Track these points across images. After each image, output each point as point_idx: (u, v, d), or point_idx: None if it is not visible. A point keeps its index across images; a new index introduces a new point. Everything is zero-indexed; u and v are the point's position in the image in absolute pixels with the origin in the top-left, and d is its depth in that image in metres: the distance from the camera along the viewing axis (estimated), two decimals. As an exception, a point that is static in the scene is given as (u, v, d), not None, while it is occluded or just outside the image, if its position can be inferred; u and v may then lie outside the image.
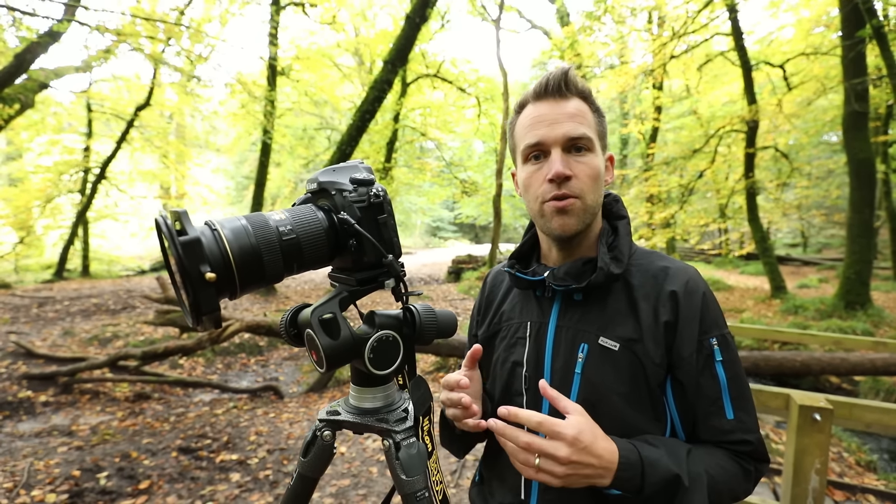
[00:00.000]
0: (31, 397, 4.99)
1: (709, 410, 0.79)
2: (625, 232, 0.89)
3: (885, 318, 7.75)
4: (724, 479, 0.75)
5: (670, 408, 0.82)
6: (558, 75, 0.83)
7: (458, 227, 38.53)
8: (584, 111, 0.84)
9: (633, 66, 12.85)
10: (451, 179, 17.87)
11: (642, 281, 0.84)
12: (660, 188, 12.99)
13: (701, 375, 0.79)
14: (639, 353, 0.80)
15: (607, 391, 0.80)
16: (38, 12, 6.88)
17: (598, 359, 0.81)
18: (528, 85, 6.23)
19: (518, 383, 0.88)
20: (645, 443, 0.75)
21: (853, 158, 8.01)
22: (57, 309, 8.60)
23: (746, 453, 0.79)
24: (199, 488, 3.20)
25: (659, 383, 0.80)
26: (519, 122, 0.88)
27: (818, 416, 1.67)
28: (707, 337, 0.80)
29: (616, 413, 0.79)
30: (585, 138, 0.82)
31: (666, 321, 0.80)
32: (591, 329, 0.83)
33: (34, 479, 3.19)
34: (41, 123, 13.04)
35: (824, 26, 11.31)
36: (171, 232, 0.52)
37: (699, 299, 0.81)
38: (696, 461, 0.74)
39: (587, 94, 0.86)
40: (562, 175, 0.80)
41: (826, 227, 20.17)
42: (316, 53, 15.32)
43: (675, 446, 0.76)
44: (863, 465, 3.61)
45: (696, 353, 0.79)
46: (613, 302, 0.84)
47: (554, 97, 0.84)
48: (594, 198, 0.84)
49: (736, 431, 0.78)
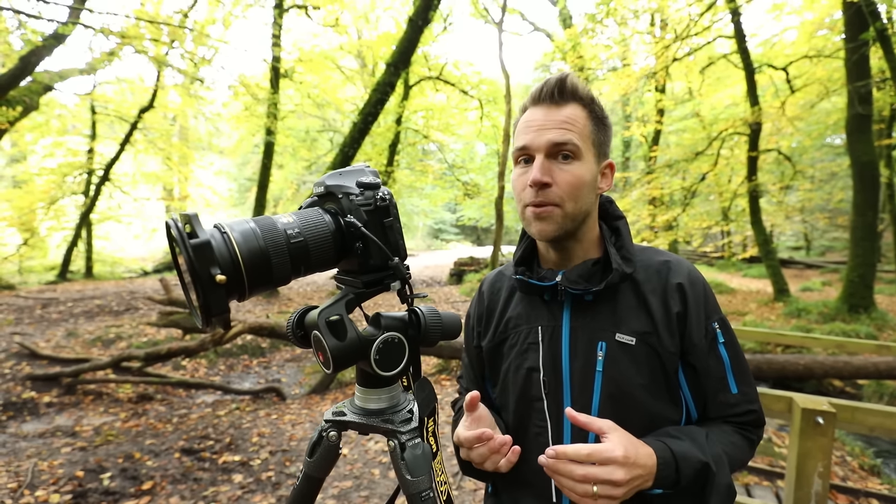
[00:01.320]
0: (34, 398, 5.01)
1: (716, 388, 0.85)
2: (626, 231, 0.92)
3: (888, 321, 7.72)
4: (736, 454, 0.83)
5: (684, 391, 0.87)
6: (554, 82, 0.85)
7: (460, 230, 38.51)
8: (577, 118, 0.84)
9: (636, 68, 12.84)
10: (454, 182, 17.88)
11: (647, 276, 0.87)
12: (662, 191, 12.97)
13: (708, 357, 0.84)
14: (654, 345, 0.83)
15: (629, 385, 0.83)
16: (42, 15, 6.93)
17: (618, 355, 0.84)
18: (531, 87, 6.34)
19: (536, 389, 0.88)
20: (670, 437, 0.79)
21: (856, 161, 8.00)
22: (60, 310, 8.64)
23: (750, 422, 0.87)
24: (202, 489, 3.21)
25: (674, 370, 0.85)
26: (518, 125, 0.90)
27: (821, 420, 1.67)
28: (710, 321, 0.86)
29: (639, 404, 0.83)
30: (571, 145, 0.82)
31: (677, 312, 0.84)
32: (607, 327, 0.85)
33: (38, 480, 3.21)
34: (45, 126, 13.15)
35: (827, 29, 11.30)
36: (181, 235, 0.52)
37: (701, 288, 0.87)
38: (713, 444, 0.79)
39: (588, 100, 0.86)
40: (539, 182, 0.82)
41: (829, 230, 20.09)
42: (319, 56, 15.37)
43: (695, 434, 0.80)
44: (866, 469, 3.59)
45: (703, 337, 0.84)
46: (623, 299, 0.86)
47: (548, 103, 0.85)
48: (576, 206, 0.84)
49: (741, 403, 0.86)
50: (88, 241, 14.58)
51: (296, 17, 13.80)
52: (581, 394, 0.85)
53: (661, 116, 14.85)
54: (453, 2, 17.70)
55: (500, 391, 0.96)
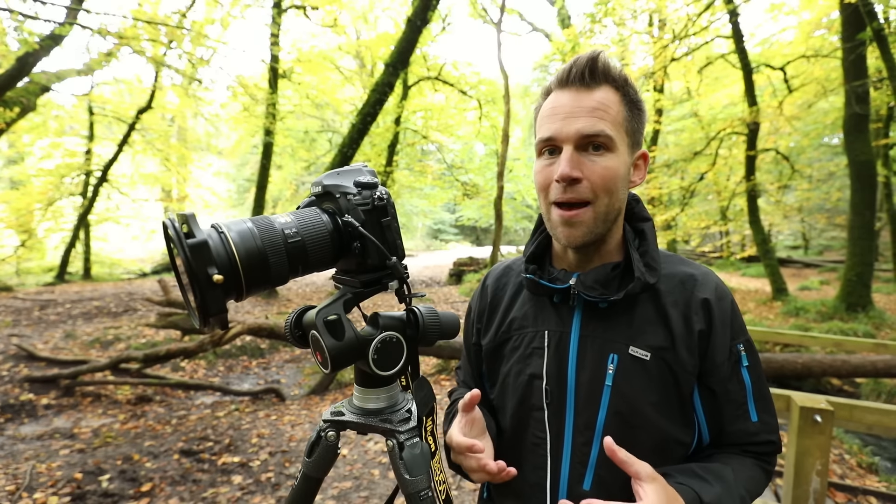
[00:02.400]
0: (32, 400, 4.99)
1: (735, 414, 0.79)
2: (652, 236, 0.83)
3: (886, 320, 7.75)
4: (755, 488, 0.79)
5: (698, 414, 0.81)
6: (584, 62, 0.75)
7: (459, 230, 38.54)
8: (609, 104, 0.75)
9: (634, 68, 12.85)
10: (453, 182, 17.91)
11: (670, 288, 0.80)
12: (661, 190, 13.00)
13: (729, 381, 0.79)
14: (670, 362, 0.77)
15: (640, 402, 0.77)
16: (40, 16, 6.91)
17: (629, 369, 0.77)
18: (530, 88, 6.25)
19: (537, 398, 0.82)
20: (699, 479, 0.73)
21: (854, 161, 8.02)
22: (58, 312, 8.62)
23: (769, 452, 0.82)
24: (201, 491, 3.20)
25: (689, 391, 0.78)
26: (541, 111, 0.81)
27: (819, 418, 1.68)
28: (735, 343, 0.79)
29: (649, 424, 0.77)
30: (603, 136, 0.74)
31: (700, 330, 0.77)
32: (620, 339, 0.78)
33: (36, 482, 3.20)
34: (43, 126, 13.11)
35: (825, 29, 11.32)
36: (178, 235, 0.52)
37: (728, 306, 0.80)
38: (739, 485, 0.76)
39: (622, 82, 0.77)
40: (568, 177, 0.74)
41: (827, 230, 20.14)
42: (317, 56, 15.37)
43: (723, 474, 0.75)
44: (864, 466, 3.60)
45: (727, 360, 0.78)
46: (641, 310, 0.79)
47: (577, 86, 0.76)
48: (608, 202, 0.76)
49: (761, 433, 0.80)
50: (86, 242, 14.54)
51: (294, 18, 13.81)
52: (586, 407, 0.79)
53: (660, 116, 14.85)
54: (452, 2, 17.72)
55: (498, 394, 0.90)
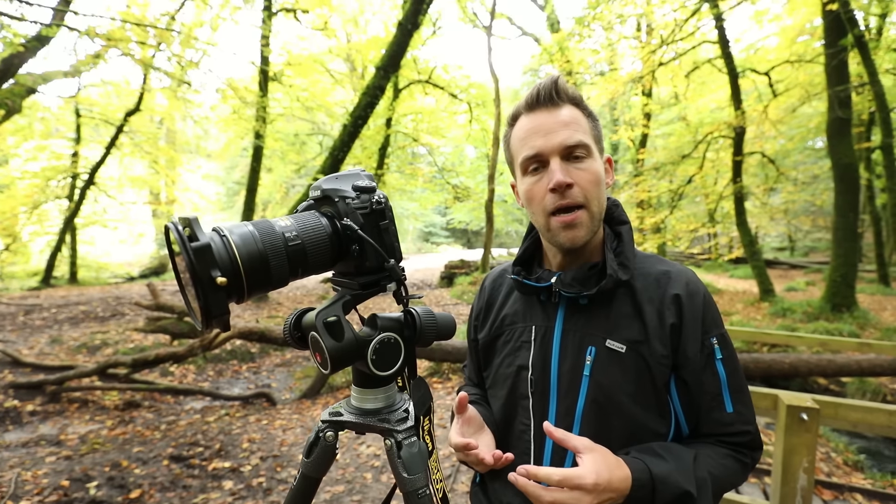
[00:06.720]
0: (17, 407, 4.91)
1: (710, 405, 0.83)
2: (628, 238, 0.90)
3: (870, 319, 7.90)
4: (726, 475, 0.81)
5: (675, 405, 0.86)
6: (548, 84, 0.84)
7: (450, 233, 38.55)
8: (577, 117, 0.84)
9: (623, 73, 13.02)
10: (443, 185, 17.91)
11: (645, 285, 0.86)
12: (650, 193, 13.14)
13: (703, 373, 0.83)
14: (644, 355, 0.82)
15: (615, 392, 0.82)
16: (26, 17, 6.82)
17: (606, 361, 0.83)
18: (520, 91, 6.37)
19: (524, 387, 0.89)
20: (653, 455, 0.77)
21: (838, 164, 8.19)
22: (44, 316, 8.47)
23: (745, 443, 0.84)
24: (192, 497, 3.17)
25: (664, 383, 0.83)
26: (514, 135, 0.88)
27: (805, 416, 1.71)
28: (708, 336, 0.83)
29: (624, 412, 0.83)
30: (582, 145, 0.82)
31: (672, 324, 0.83)
32: (598, 332, 0.85)
33: (21, 490, 3.14)
34: (28, 129, 12.90)
35: (808, 35, 11.56)
36: (182, 238, 0.53)
37: (700, 301, 0.85)
38: (701, 466, 0.78)
39: (578, 100, 0.86)
40: (563, 184, 0.80)
41: (812, 231, 20.49)
42: (308, 59, 15.34)
43: (681, 455, 0.78)
44: (850, 464, 3.67)
45: (699, 352, 0.83)
46: (618, 306, 0.85)
47: (546, 106, 0.84)
48: (599, 203, 0.84)
49: (736, 423, 0.83)
50: (73, 245, 14.33)
51: (284, 21, 13.76)
52: (566, 396, 0.85)
53: (648, 120, 15.04)
54: (442, 6, 17.73)
55: (491, 385, 0.98)
